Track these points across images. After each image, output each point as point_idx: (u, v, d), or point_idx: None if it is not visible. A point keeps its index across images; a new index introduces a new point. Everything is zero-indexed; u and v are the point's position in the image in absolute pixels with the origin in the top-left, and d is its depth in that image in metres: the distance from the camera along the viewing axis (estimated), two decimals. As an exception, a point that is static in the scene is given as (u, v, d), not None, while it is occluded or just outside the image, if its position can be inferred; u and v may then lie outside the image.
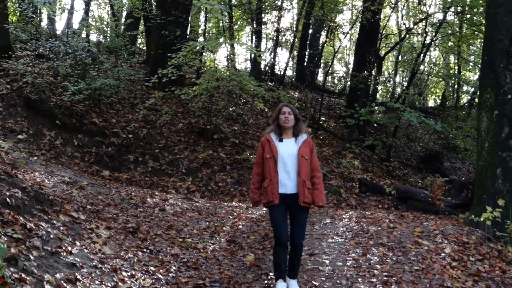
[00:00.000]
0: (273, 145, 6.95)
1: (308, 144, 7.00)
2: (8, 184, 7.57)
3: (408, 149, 26.02)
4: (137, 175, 15.07)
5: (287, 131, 7.03)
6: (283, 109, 7.04)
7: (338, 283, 7.83)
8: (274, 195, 6.80)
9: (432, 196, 14.51)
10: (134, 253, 7.98)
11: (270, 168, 6.89)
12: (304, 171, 6.84)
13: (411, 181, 20.07)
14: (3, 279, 5.48)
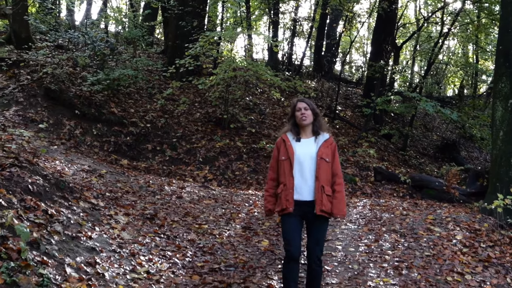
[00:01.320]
0: (289, 146, 6.14)
1: (329, 144, 6.16)
2: (30, 171, 7.82)
3: (425, 138, 26.05)
4: (155, 164, 15.32)
5: (306, 129, 6.21)
6: (298, 104, 6.22)
7: (350, 268, 8.03)
8: (288, 202, 5.97)
9: (447, 184, 14.62)
10: (151, 238, 8.23)
11: (285, 171, 6.07)
12: (323, 175, 5.97)
13: (427, 170, 20.16)
14: (26, 261, 5.73)
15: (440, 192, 14.43)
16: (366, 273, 7.83)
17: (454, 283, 7.61)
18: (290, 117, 6.33)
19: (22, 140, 9.79)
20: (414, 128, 24.49)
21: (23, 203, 6.90)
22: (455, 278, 7.76)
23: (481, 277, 7.92)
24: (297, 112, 6.19)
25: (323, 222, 6.06)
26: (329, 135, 6.24)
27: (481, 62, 31.59)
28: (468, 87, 33.24)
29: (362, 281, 7.53)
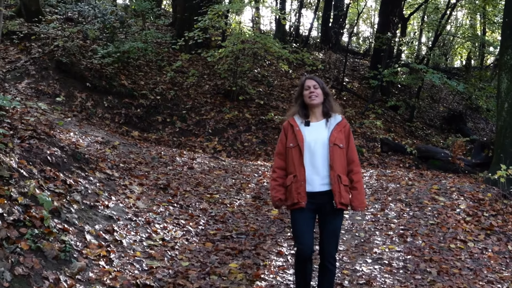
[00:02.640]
0: (297, 131, 5.45)
1: (343, 128, 5.49)
2: (48, 143, 8.11)
3: (431, 110, 26.20)
4: (165, 135, 15.59)
5: (315, 111, 5.52)
6: (307, 82, 5.55)
7: (357, 236, 8.34)
8: (300, 195, 5.30)
9: (452, 155, 14.87)
10: (165, 207, 8.54)
11: (294, 160, 5.39)
12: (338, 163, 5.33)
13: (433, 141, 20.37)
14: (48, 229, 6.04)
15: (446, 162, 14.67)
16: (372, 240, 8.14)
17: (457, 250, 7.90)
18: (298, 97, 5.64)
19: (37, 113, 10.08)
20: (421, 100, 24.63)
21: (43, 174, 7.19)
22: (458, 246, 8.05)
23: (483, 245, 8.21)
24: (306, 91, 5.51)
25: (338, 214, 5.40)
26: (342, 117, 5.54)
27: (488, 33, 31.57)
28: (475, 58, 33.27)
29: (368, 248, 7.84)
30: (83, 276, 5.79)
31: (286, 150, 5.51)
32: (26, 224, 5.87)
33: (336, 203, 5.26)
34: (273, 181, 5.57)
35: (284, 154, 5.54)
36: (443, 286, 6.73)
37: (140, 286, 6.05)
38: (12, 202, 6.03)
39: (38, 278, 5.38)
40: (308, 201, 5.30)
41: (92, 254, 6.23)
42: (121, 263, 6.38)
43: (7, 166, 6.53)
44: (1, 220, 5.64)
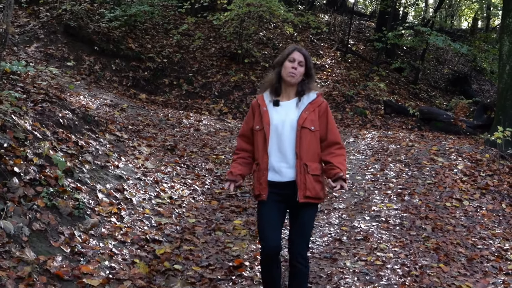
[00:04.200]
0: (264, 112, 4.74)
1: (317, 107, 4.71)
2: (60, 106, 8.43)
3: (436, 72, 26.34)
4: (172, 97, 15.89)
5: (289, 89, 4.78)
6: (294, 54, 4.72)
7: (357, 195, 8.69)
8: (261, 186, 4.68)
9: (455, 117, 15.12)
10: (173, 167, 8.89)
11: (259, 145, 4.73)
12: (306, 149, 4.62)
13: (436, 103, 20.59)
14: (62, 187, 6.40)
15: (448, 124, 14.92)
16: (371, 199, 8.49)
17: (452, 208, 8.25)
18: (277, 65, 4.82)
19: (48, 77, 10.38)
20: (426, 62, 24.76)
21: (56, 136, 7.53)
22: (453, 204, 8.40)
23: (478, 203, 8.55)
24: (289, 62, 4.71)
25: (310, 208, 4.70)
26: (317, 94, 4.78)
27: (494, -6, 31.46)
28: (482, 19, 33.21)
29: (367, 206, 8.19)
30: (96, 231, 6.17)
31: (252, 132, 4.82)
32: (41, 183, 6.23)
33: (299, 196, 4.56)
34: (234, 155, 4.98)
35: (249, 137, 4.86)
36: (437, 242, 7.08)
37: (149, 241, 6.44)
38: (28, 162, 6.37)
39: (54, 233, 5.76)
40: (272, 192, 4.64)
41: (104, 211, 6.60)
42: (131, 219, 6.76)
43: (22, 128, 6.86)
44: (18, 179, 5.99)
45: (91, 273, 5.44)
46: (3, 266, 4.91)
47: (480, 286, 6.02)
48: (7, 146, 6.28)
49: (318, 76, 18.56)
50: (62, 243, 5.67)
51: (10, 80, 8.36)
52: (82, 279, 5.29)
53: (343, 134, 12.76)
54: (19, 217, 5.58)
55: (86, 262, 5.59)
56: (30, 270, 5.05)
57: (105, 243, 6.07)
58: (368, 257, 6.58)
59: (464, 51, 18.24)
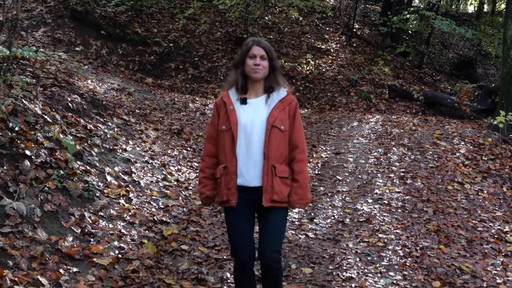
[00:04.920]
0: (230, 110, 4.41)
1: (287, 105, 4.43)
2: (68, 91, 8.59)
3: (442, 56, 26.39)
4: (178, 82, 16.04)
5: (256, 85, 4.45)
6: (253, 50, 4.39)
7: (360, 178, 8.85)
8: (230, 192, 4.34)
9: (459, 101, 15.23)
10: (179, 151, 9.06)
11: (226, 147, 4.38)
12: (275, 150, 4.32)
13: (441, 88, 20.68)
14: (72, 170, 6.58)
15: (452, 108, 15.03)
16: (374, 182, 8.65)
17: (453, 192, 8.40)
18: (238, 64, 4.52)
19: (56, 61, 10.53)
20: (431, 46, 24.80)
21: (65, 119, 7.70)
22: (455, 187, 8.55)
23: (479, 187, 8.70)
24: (250, 59, 4.39)
25: (279, 212, 4.39)
26: (287, 91, 4.50)
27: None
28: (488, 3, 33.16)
29: (370, 189, 8.36)
30: (105, 213, 6.35)
31: (217, 133, 4.48)
32: (52, 165, 6.41)
33: (265, 200, 4.28)
34: (201, 172, 4.59)
35: (215, 138, 4.50)
36: (438, 224, 7.24)
37: (157, 222, 6.62)
38: (38, 145, 6.54)
39: (65, 214, 5.95)
40: (241, 197, 4.34)
41: (112, 193, 6.79)
42: (139, 201, 6.94)
43: (32, 112, 7.02)
44: (30, 162, 6.17)
45: (101, 253, 5.63)
46: (16, 246, 5.09)
47: (479, 267, 6.17)
48: (19, 130, 6.45)
49: (323, 60, 18.68)
50: (73, 224, 5.85)
51: (19, 65, 8.52)
52: (93, 258, 5.48)
53: (348, 118, 12.91)
54: (31, 199, 5.76)
55: (96, 242, 5.78)
56: (43, 249, 5.24)
57: (114, 224, 6.25)
58: (370, 239, 6.75)
59: (469, 35, 18.29)
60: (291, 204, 4.36)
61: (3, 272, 4.63)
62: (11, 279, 4.66)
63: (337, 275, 5.84)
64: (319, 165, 9.57)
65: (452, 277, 5.87)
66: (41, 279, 4.89)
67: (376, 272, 5.93)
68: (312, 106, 15.43)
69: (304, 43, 19.72)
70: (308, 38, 20.30)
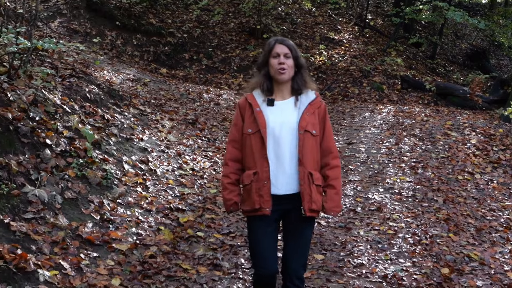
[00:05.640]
0: (257, 113, 4.12)
1: (317, 108, 4.18)
2: (86, 81, 8.78)
3: (455, 46, 26.38)
4: (192, 72, 16.20)
5: (282, 87, 4.19)
6: (276, 48, 4.13)
7: (371, 167, 9.00)
8: (263, 200, 4.03)
9: (471, 92, 15.30)
10: (194, 140, 9.25)
11: (254, 151, 4.08)
12: (309, 156, 4.06)
13: (454, 78, 20.72)
14: (91, 158, 6.78)
15: (464, 99, 15.10)
16: (385, 172, 8.80)
17: (463, 181, 8.54)
18: (262, 65, 4.24)
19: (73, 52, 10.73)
20: (444, 36, 24.79)
21: (84, 109, 7.89)
22: (465, 177, 8.68)
23: (489, 177, 8.83)
24: (273, 59, 4.13)
25: (308, 223, 4.17)
26: (316, 94, 4.24)
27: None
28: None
29: (381, 179, 8.51)
30: (123, 200, 6.56)
31: (242, 136, 4.18)
32: (71, 154, 6.61)
33: (305, 210, 4.02)
34: (225, 178, 4.22)
35: (240, 142, 4.20)
36: (448, 213, 7.39)
37: (173, 209, 6.82)
38: (58, 135, 6.74)
39: (85, 201, 6.16)
40: (273, 208, 4.05)
41: (130, 181, 6.99)
42: (156, 189, 7.14)
43: (52, 102, 7.22)
44: (50, 151, 6.37)
45: (120, 238, 5.84)
46: (39, 231, 5.31)
47: (488, 254, 6.31)
48: (39, 120, 6.65)
49: (335, 51, 18.78)
50: (92, 211, 6.06)
51: (38, 56, 8.72)
52: (112, 244, 5.69)
53: (360, 108, 13.04)
54: (52, 186, 5.97)
55: (115, 229, 5.99)
56: (64, 235, 5.45)
57: (132, 211, 6.45)
58: (381, 227, 6.91)
59: (482, 26, 18.31)
60: (327, 211, 4.12)
61: (26, 256, 4.83)
62: (35, 262, 4.87)
63: (348, 261, 6.02)
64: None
65: (461, 264, 6.03)
66: (62, 263, 5.10)
67: (386, 259, 6.10)
68: (324, 96, 15.55)
69: (317, 33, 19.81)
70: (321, 28, 20.39)
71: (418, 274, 5.76)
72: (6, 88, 6.61)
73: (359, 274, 5.76)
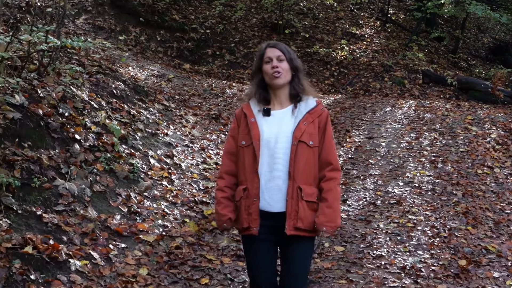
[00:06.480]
0: (252, 123, 3.81)
1: (317, 116, 3.82)
2: (112, 77, 9.02)
3: (477, 40, 26.30)
4: (215, 67, 16.41)
5: (279, 93, 3.86)
6: (268, 52, 3.85)
7: (392, 162, 9.14)
8: (251, 218, 3.73)
9: (492, 86, 15.31)
10: (217, 135, 9.46)
11: (246, 165, 3.77)
12: (301, 169, 3.71)
13: (476, 72, 20.68)
14: (118, 153, 7.02)
15: (485, 94, 15.10)
16: (405, 166, 8.94)
17: (483, 175, 8.65)
18: (255, 72, 3.96)
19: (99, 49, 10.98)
20: (467, 30, 24.71)
21: (110, 105, 8.13)
22: (484, 171, 8.79)
23: (508, 171, 8.92)
24: (266, 64, 3.83)
25: (304, 243, 3.79)
26: (317, 101, 3.90)
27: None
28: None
29: (401, 173, 8.65)
30: (149, 193, 6.79)
31: (237, 148, 3.85)
32: (99, 149, 6.85)
33: (288, 227, 3.67)
34: (219, 191, 3.88)
35: (235, 154, 3.86)
36: (467, 206, 7.52)
37: (197, 202, 7.05)
38: (87, 130, 6.98)
39: (113, 194, 6.39)
40: (263, 224, 3.73)
41: (156, 175, 7.21)
42: (181, 183, 7.36)
43: (80, 98, 7.46)
44: (79, 146, 6.61)
45: (147, 230, 6.07)
46: (69, 223, 5.55)
47: (505, 247, 6.44)
48: (68, 115, 6.89)
49: (357, 46, 18.87)
50: (120, 203, 6.30)
51: (66, 53, 8.97)
52: (139, 235, 5.93)
53: (381, 103, 13.14)
54: (82, 180, 6.21)
55: (142, 221, 6.22)
56: (93, 226, 5.69)
57: (158, 204, 6.68)
58: (400, 220, 7.07)
59: (504, 20, 18.26)
60: (317, 226, 3.69)
61: (58, 247, 5.07)
62: (66, 252, 5.11)
63: (367, 253, 6.19)
64: (352, 149, 9.87)
65: (478, 256, 6.17)
66: (92, 253, 5.34)
67: (405, 251, 6.27)
68: (346, 91, 15.67)
69: (338, 28, 19.91)
70: (342, 23, 20.47)
71: (436, 266, 5.92)
72: (37, 85, 6.86)
73: (378, 265, 5.93)
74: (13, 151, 5.74)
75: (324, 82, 16.44)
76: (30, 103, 6.42)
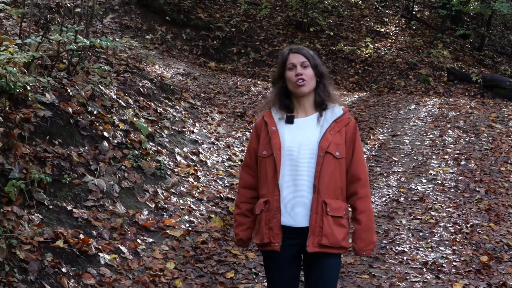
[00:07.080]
0: (273, 132, 3.54)
1: (344, 126, 3.56)
2: (139, 76, 9.20)
3: (504, 38, 26.12)
4: (240, 65, 16.55)
5: (303, 101, 3.60)
6: (291, 58, 3.59)
7: (415, 159, 9.22)
8: (272, 233, 3.48)
9: (518, 84, 15.26)
10: (242, 133, 9.60)
11: (268, 176, 3.53)
12: (327, 182, 3.46)
13: (501, 70, 20.58)
14: (146, 150, 7.19)
15: (511, 91, 15.03)
16: (429, 163, 9.01)
17: (506, 173, 8.69)
18: (277, 79, 3.70)
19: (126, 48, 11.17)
20: (493, 27, 24.57)
21: (138, 104, 8.31)
22: (508, 169, 8.83)
23: (532, 168, 8.96)
24: (289, 71, 3.57)
25: (330, 260, 3.52)
26: (344, 109, 3.62)
27: None
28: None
29: (424, 170, 8.73)
30: (176, 190, 6.95)
31: (257, 160, 3.62)
32: (127, 146, 7.03)
33: (310, 244, 3.41)
34: (235, 208, 3.78)
35: (253, 167, 3.67)
36: (489, 203, 7.57)
37: (223, 199, 7.19)
38: (115, 127, 7.16)
39: (140, 190, 6.56)
40: (286, 241, 3.48)
41: (182, 172, 7.37)
42: (206, 180, 7.51)
43: (108, 97, 7.64)
44: (108, 143, 6.79)
45: (173, 225, 6.24)
46: (99, 218, 5.72)
47: (527, 244, 6.51)
48: (97, 113, 7.07)
49: (382, 43, 18.89)
50: (147, 199, 6.47)
51: (94, 52, 9.16)
52: (166, 230, 6.09)
53: (405, 101, 13.17)
54: (110, 176, 6.39)
55: (169, 216, 6.38)
56: (122, 221, 5.86)
57: (184, 200, 6.84)
58: (423, 216, 7.15)
59: (530, 17, 18.18)
60: (357, 252, 3.59)
61: (88, 241, 5.24)
62: (96, 247, 5.28)
63: (390, 248, 6.29)
64: (376, 146, 9.96)
65: (500, 253, 6.24)
66: (121, 247, 5.51)
67: (427, 247, 6.35)
68: (370, 89, 15.72)
69: (363, 26, 19.93)
70: (367, 21, 20.49)
71: (458, 261, 6.00)
72: (66, 84, 7.05)
73: (401, 260, 6.03)
74: (44, 148, 5.93)
75: (348, 80, 16.50)
76: (60, 101, 6.61)
